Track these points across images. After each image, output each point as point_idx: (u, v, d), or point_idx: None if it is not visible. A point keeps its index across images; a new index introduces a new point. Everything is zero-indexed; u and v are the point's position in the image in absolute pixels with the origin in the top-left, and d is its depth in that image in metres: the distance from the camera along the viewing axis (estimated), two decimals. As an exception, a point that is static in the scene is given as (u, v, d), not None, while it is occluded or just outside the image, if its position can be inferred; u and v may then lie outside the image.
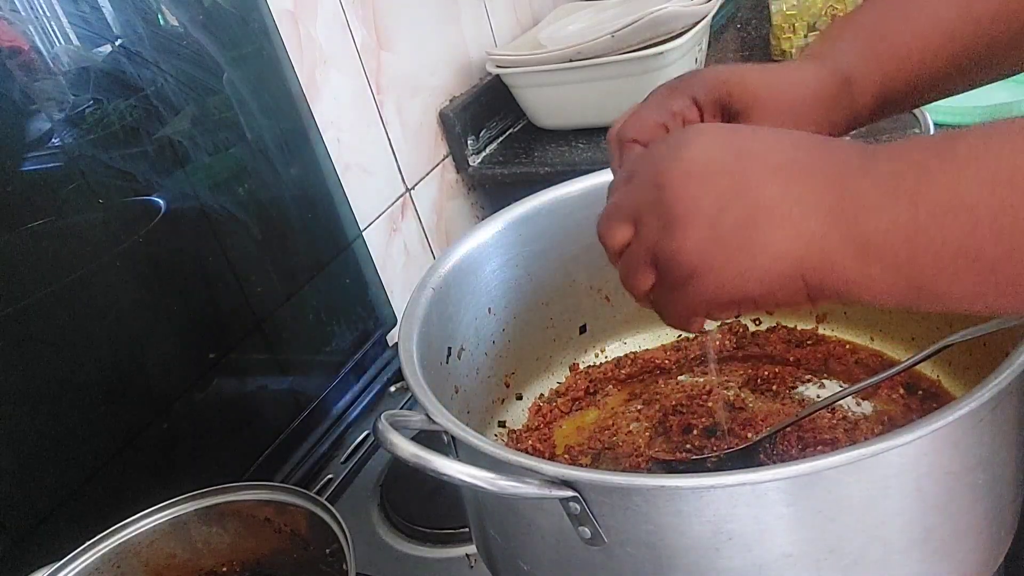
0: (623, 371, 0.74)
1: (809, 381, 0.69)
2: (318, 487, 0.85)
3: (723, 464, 0.60)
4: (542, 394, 0.73)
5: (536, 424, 0.70)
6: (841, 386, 0.67)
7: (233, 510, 0.65)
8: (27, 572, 0.61)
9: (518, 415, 0.71)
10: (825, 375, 0.69)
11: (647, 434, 0.67)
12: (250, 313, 0.83)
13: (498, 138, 1.23)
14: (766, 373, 0.70)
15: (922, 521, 0.42)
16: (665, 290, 0.40)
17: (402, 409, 0.89)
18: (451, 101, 1.17)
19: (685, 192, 0.37)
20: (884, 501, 0.40)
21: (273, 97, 0.86)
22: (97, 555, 0.62)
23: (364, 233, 1.00)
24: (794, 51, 1.17)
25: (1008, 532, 0.48)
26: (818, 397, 0.67)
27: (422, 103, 1.11)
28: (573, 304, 0.73)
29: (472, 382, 0.66)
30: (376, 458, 0.88)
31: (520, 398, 0.72)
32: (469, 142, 1.17)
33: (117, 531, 0.63)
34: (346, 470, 0.86)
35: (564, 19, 1.24)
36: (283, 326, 0.87)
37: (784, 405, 0.66)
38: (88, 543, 0.62)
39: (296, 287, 0.89)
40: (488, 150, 1.20)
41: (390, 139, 1.05)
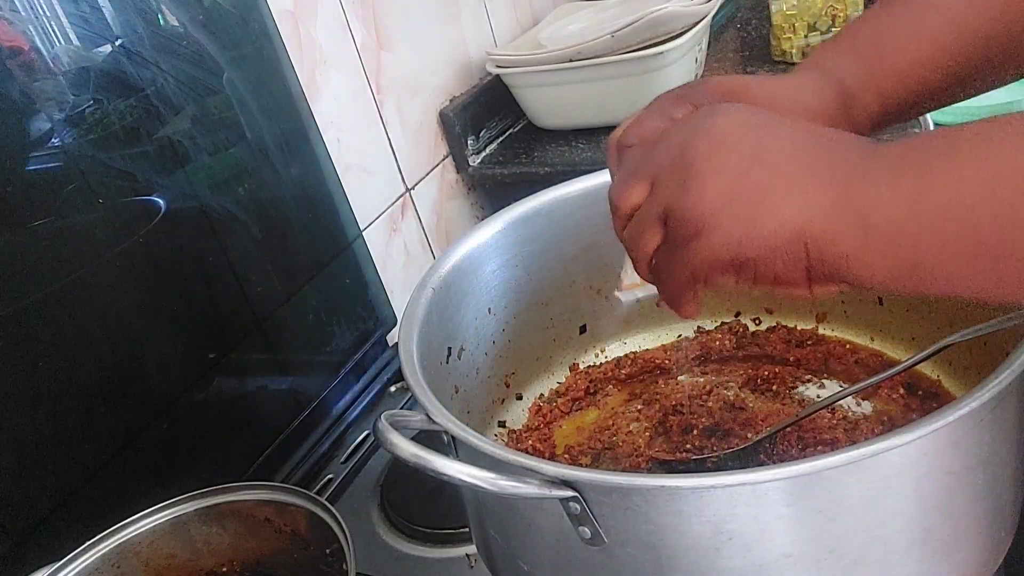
0: (623, 371, 0.74)
1: (809, 381, 0.69)
2: (318, 487, 0.85)
3: (723, 464, 0.61)
4: (542, 394, 0.73)
5: (536, 424, 0.70)
6: (841, 386, 0.67)
7: (233, 510, 0.65)
8: (27, 572, 0.61)
9: (518, 415, 0.71)
10: (825, 375, 0.69)
11: (647, 434, 0.67)
12: (250, 313, 0.83)
13: (498, 138, 1.23)
14: (766, 373, 0.70)
15: (922, 521, 0.42)
16: (669, 249, 0.41)
17: (402, 409, 0.89)
18: (451, 101, 1.17)
19: (710, 155, 0.39)
20: (884, 501, 0.40)
21: (273, 97, 0.86)
22: (97, 555, 0.62)
23: (364, 233, 1.00)
24: (794, 51, 1.17)
25: (1008, 532, 0.48)
26: (818, 397, 0.67)
27: (422, 103, 1.11)
28: (573, 304, 0.73)
29: (472, 382, 0.66)
30: (376, 458, 0.88)
31: (520, 398, 0.72)
32: (469, 142, 1.17)
33: (117, 531, 0.63)
34: (346, 470, 0.86)
35: (564, 19, 1.24)
36: (283, 326, 0.87)
37: (784, 405, 0.66)
38: (88, 543, 0.62)
39: (296, 287, 0.89)
40: (488, 150, 1.20)
41: (390, 139, 1.05)
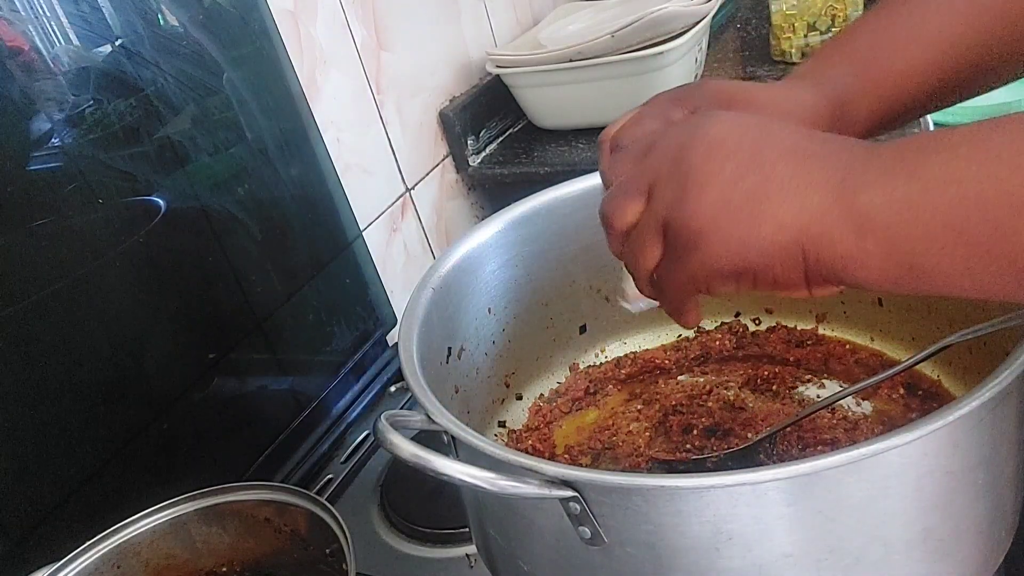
0: (623, 371, 0.74)
1: (809, 381, 0.69)
2: (318, 487, 0.85)
3: (723, 464, 0.60)
4: (542, 394, 0.73)
5: (536, 424, 0.70)
6: (841, 386, 0.67)
7: (233, 510, 0.65)
8: (27, 572, 0.61)
9: (518, 415, 0.71)
10: (825, 375, 0.69)
11: (647, 434, 0.67)
12: (250, 313, 0.83)
13: (498, 138, 1.23)
14: (766, 373, 0.70)
15: (922, 521, 0.42)
16: (670, 261, 0.41)
17: (402, 409, 0.89)
18: (451, 101, 1.17)
19: (705, 163, 0.39)
20: (884, 501, 0.40)
21: (273, 97, 0.86)
22: (97, 555, 0.62)
23: (364, 233, 1.00)
24: (794, 51, 1.17)
25: (1008, 532, 0.48)
26: (818, 397, 0.67)
27: (422, 103, 1.11)
28: (573, 304, 0.73)
29: (472, 382, 0.66)
30: (376, 458, 0.88)
31: (520, 398, 0.72)
32: (469, 142, 1.17)
33: (117, 531, 0.63)
34: (346, 470, 0.86)
35: (564, 19, 1.24)
36: (283, 326, 0.87)
37: (784, 405, 0.66)
38: (88, 543, 0.62)
39: (296, 287, 0.89)
40: (488, 150, 1.20)
41: (390, 139, 1.05)
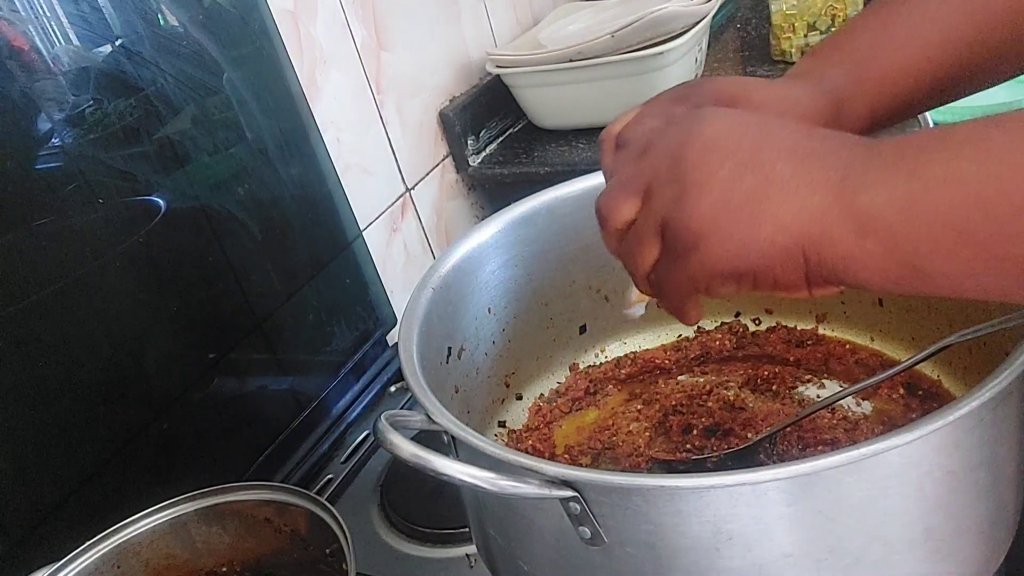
0: (623, 371, 0.74)
1: (809, 381, 0.69)
2: (318, 487, 0.85)
3: (723, 464, 0.60)
4: (542, 394, 0.73)
5: (536, 424, 0.70)
6: (841, 386, 0.67)
7: (233, 510, 0.65)
8: (27, 572, 0.61)
9: (518, 415, 0.71)
10: (825, 375, 0.69)
11: (647, 434, 0.67)
12: (250, 313, 0.83)
13: (498, 138, 1.23)
14: (766, 373, 0.70)
15: (923, 521, 0.42)
16: (669, 262, 0.41)
17: (402, 409, 0.89)
18: (451, 101, 1.17)
19: (703, 163, 0.38)
20: (884, 501, 0.40)
21: (273, 97, 0.86)
22: (97, 555, 0.62)
23: (364, 233, 1.00)
24: (794, 51, 1.17)
25: (1008, 532, 0.48)
26: (818, 397, 0.67)
27: (422, 103, 1.11)
28: (573, 304, 0.73)
29: (472, 382, 0.66)
30: (376, 458, 0.88)
31: (520, 398, 0.72)
32: (469, 142, 1.17)
33: (117, 531, 0.63)
34: (346, 470, 0.86)
35: (564, 19, 1.24)
36: (283, 326, 0.87)
37: (784, 405, 0.66)
38: (88, 543, 0.62)
39: (296, 287, 0.89)
40: (488, 150, 1.20)
41: (390, 139, 1.05)
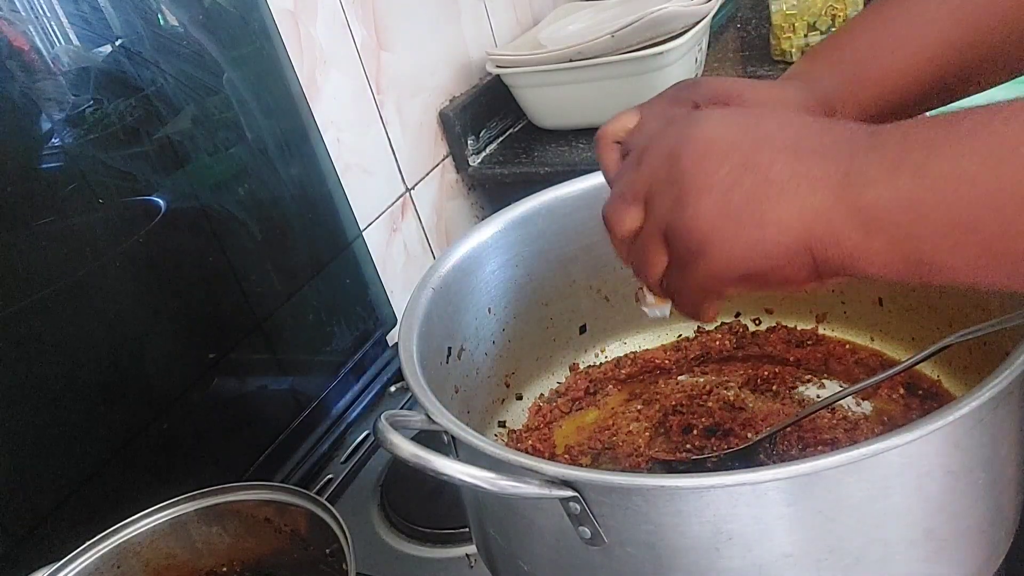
0: (623, 371, 0.74)
1: (809, 381, 0.69)
2: (318, 487, 0.85)
3: (723, 464, 0.60)
4: (542, 394, 0.73)
5: (536, 424, 0.70)
6: (841, 386, 0.67)
7: (233, 510, 0.65)
8: (27, 572, 0.61)
9: (518, 415, 0.71)
10: (825, 375, 0.69)
11: (647, 434, 0.67)
12: (250, 313, 0.83)
13: (498, 138, 1.23)
14: (766, 373, 0.70)
15: (922, 521, 0.42)
16: (677, 269, 0.40)
17: (402, 409, 0.89)
18: (451, 101, 1.17)
19: (699, 167, 0.38)
20: (884, 501, 0.40)
21: (273, 97, 0.86)
22: (97, 555, 0.62)
23: (364, 233, 1.00)
24: (794, 51, 1.16)
25: (1008, 532, 0.48)
26: (818, 397, 0.67)
27: (422, 103, 1.11)
28: (573, 304, 0.73)
29: (472, 382, 0.66)
30: (376, 458, 0.88)
31: (520, 398, 0.72)
32: (469, 142, 1.17)
33: (117, 531, 0.63)
34: (346, 470, 0.86)
35: (564, 19, 1.24)
36: (283, 326, 0.87)
37: (784, 405, 0.66)
38: (88, 543, 0.62)
39: (296, 287, 0.89)
40: (488, 150, 1.20)
41: (390, 139, 1.05)
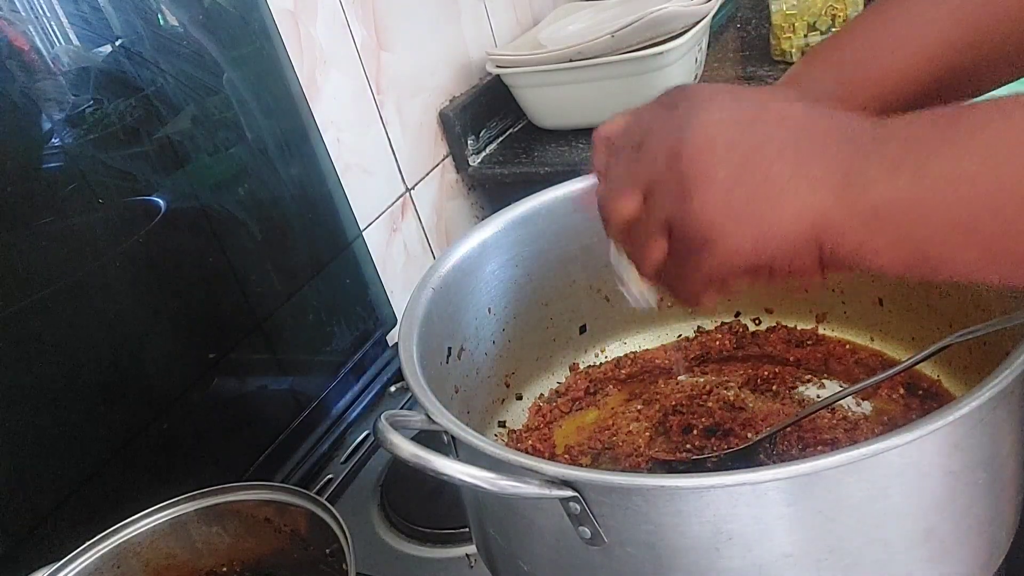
0: (623, 371, 0.74)
1: (809, 381, 0.69)
2: (318, 487, 0.85)
3: (723, 464, 0.60)
4: (542, 394, 0.73)
5: (536, 424, 0.70)
6: (841, 386, 0.67)
7: (233, 510, 0.65)
8: (27, 572, 0.61)
9: (518, 415, 0.71)
10: (825, 375, 0.69)
11: (647, 434, 0.67)
12: (250, 313, 0.83)
13: (498, 138, 1.23)
14: (766, 373, 0.70)
15: (922, 521, 0.42)
16: (679, 259, 0.40)
17: (402, 409, 0.89)
18: (451, 101, 1.17)
19: (700, 162, 0.38)
20: (884, 501, 0.40)
21: (273, 97, 0.86)
22: (97, 555, 0.62)
23: (364, 233, 1.00)
24: (794, 51, 1.16)
25: (1008, 532, 0.48)
26: (818, 397, 0.67)
27: (422, 103, 1.11)
28: (573, 304, 0.73)
29: (472, 382, 0.66)
30: (376, 458, 0.88)
31: (520, 398, 0.72)
32: (469, 142, 1.17)
33: (117, 531, 0.63)
34: (346, 470, 0.86)
35: (564, 19, 1.24)
36: (283, 326, 0.87)
37: (784, 405, 0.66)
38: (88, 543, 0.62)
39: (296, 287, 0.89)
40: (488, 150, 1.20)
41: (390, 139, 1.05)
